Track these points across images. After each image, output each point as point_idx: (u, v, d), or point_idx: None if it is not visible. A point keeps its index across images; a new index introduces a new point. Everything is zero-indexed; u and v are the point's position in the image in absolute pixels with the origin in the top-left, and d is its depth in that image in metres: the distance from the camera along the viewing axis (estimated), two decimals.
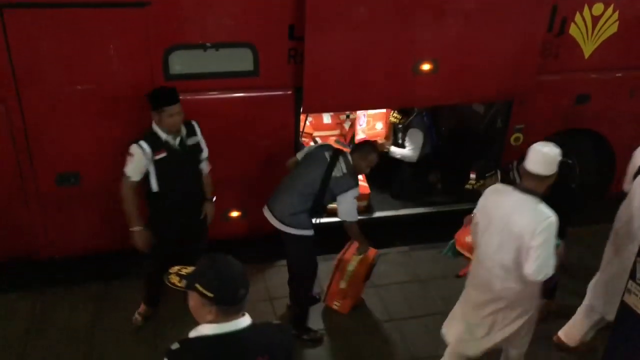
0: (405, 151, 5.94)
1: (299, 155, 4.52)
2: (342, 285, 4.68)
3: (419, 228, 5.80)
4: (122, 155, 4.49)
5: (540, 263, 3.26)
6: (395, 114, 6.08)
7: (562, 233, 4.60)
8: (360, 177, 5.72)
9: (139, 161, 3.94)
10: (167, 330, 4.39)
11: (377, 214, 5.73)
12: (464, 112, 6.09)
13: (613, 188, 6.17)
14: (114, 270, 5.00)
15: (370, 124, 6.27)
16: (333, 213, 4.47)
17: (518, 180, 4.44)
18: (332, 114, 6.70)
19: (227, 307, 2.11)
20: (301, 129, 5.20)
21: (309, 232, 4.26)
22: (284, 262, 4.58)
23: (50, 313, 4.54)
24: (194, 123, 4.18)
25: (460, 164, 6.09)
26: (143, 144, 3.93)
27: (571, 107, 5.54)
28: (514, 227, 3.32)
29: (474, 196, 4.66)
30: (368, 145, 4.46)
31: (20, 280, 4.83)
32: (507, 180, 4.50)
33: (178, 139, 4.04)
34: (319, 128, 6.58)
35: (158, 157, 3.97)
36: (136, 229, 4.06)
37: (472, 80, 4.96)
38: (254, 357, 2.14)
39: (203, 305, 2.10)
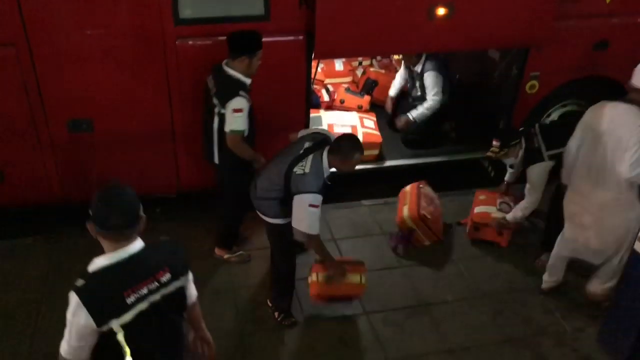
0: (429, 102, 5.62)
1: (299, 133, 4.12)
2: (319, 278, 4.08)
3: (431, 177, 5.79)
4: (135, 102, 4.52)
5: (635, 160, 3.58)
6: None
7: None
8: (371, 124, 5.74)
9: (246, 113, 3.96)
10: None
11: (388, 163, 5.70)
12: (478, 59, 5.96)
13: None
14: None
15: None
16: None
17: (542, 146, 4.40)
18: (344, 60, 6.61)
19: (108, 233, 2.31)
20: (312, 76, 5.13)
21: (278, 221, 3.86)
22: None
23: (67, 257, 4.63)
24: None
25: (474, 113, 6.04)
26: (245, 95, 3.92)
27: (589, 54, 5.41)
28: (617, 134, 3.70)
29: (487, 146, 4.68)
30: (350, 142, 3.73)
31: (36, 226, 4.92)
32: (531, 146, 4.45)
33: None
34: (330, 75, 6.50)
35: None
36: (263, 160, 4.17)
37: (488, 25, 4.82)
38: (156, 273, 2.35)
39: (96, 233, 2.34)
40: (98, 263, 2.33)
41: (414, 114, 5.68)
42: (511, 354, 4.00)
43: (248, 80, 4.04)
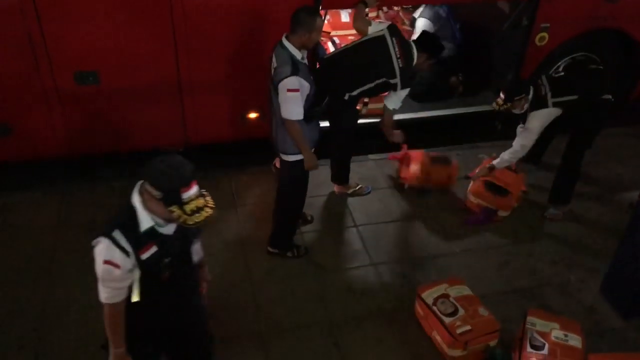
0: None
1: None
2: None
3: (437, 130, 5.79)
4: (141, 54, 4.47)
5: None
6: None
7: (589, 143, 4.61)
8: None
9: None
10: None
11: (396, 117, 5.66)
12: (488, 10, 5.86)
13: (637, 93, 6.06)
14: (137, 169, 5.09)
15: None
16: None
17: (548, 93, 4.37)
18: (350, 12, 6.49)
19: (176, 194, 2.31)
20: None
21: (295, 157, 3.94)
22: None
23: (76, 208, 4.68)
24: None
25: (482, 66, 5.98)
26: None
27: (600, 5, 5.31)
28: None
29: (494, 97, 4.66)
30: (303, 11, 3.73)
31: (44, 179, 4.95)
32: (539, 94, 4.42)
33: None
34: (337, 27, 6.40)
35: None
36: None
37: None
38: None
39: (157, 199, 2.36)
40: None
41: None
42: (516, 303, 4.06)
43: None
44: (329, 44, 6.23)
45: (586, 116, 4.45)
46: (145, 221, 2.39)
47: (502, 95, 4.47)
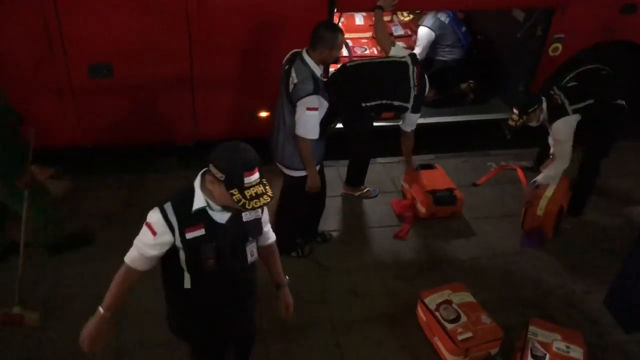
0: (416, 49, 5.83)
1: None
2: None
3: (446, 136, 5.79)
4: (155, 49, 4.50)
5: None
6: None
7: (605, 152, 4.59)
8: None
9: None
10: None
11: None
12: (502, 19, 5.87)
13: None
14: (146, 162, 5.14)
15: None
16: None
17: (565, 101, 4.35)
18: (364, 14, 6.52)
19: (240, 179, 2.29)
20: None
21: (301, 173, 3.91)
22: None
23: (84, 199, 4.72)
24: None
25: (493, 74, 5.98)
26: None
27: (616, 18, 5.30)
28: None
29: (505, 107, 4.65)
30: (327, 27, 3.70)
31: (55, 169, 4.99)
32: (556, 105, 4.37)
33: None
34: (350, 30, 6.42)
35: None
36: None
37: None
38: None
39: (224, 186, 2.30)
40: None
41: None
42: (518, 312, 4.05)
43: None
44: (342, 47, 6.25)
45: (601, 122, 4.41)
46: (199, 201, 2.39)
47: (515, 110, 4.46)
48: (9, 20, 4.23)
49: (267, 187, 2.33)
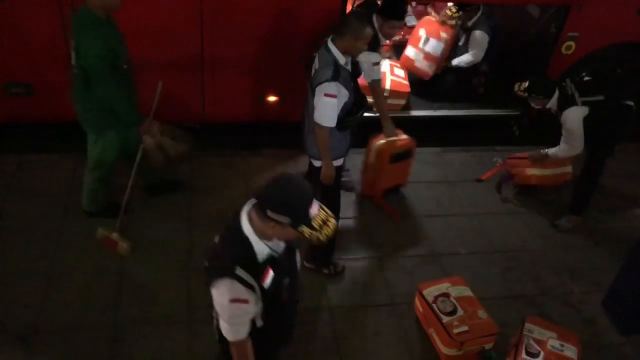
0: (465, 57, 5.66)
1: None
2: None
3: (454, 130, 5.77)
4: (167, 29, 4.49)
5: None
6: (452, 8, 5.76)
7: (610, 152, 4.58)
8: (402, 73, 5.67)
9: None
10: (201, 200, 4.61)
11: (414, 113, 5.68)
12: (517, 14, 5.82)
13: None
14: None
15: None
16: None
17: (576, 93, 4.34)
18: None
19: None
20: None
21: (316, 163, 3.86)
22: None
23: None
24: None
25: (505, 70, 5.94)
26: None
27: (632, 19, 5.25)
28: None
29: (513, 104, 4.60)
30: (355, 18, 3.64)
31: (62, 142, 5.00)
32: (566, 95, 4.37)
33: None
34: None
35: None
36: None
37: None
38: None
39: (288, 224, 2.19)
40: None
41: (455, 62, 5.75)
42: (516, 309, 4.07)
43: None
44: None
45: (608, 121, 4.39)
46: (261, 250, 2.28)
47: (525, 83, 4.45)
48: None
49: (323, 207, 2.23)
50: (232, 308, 2.27)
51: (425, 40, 5.67)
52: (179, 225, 4.40)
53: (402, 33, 6.02)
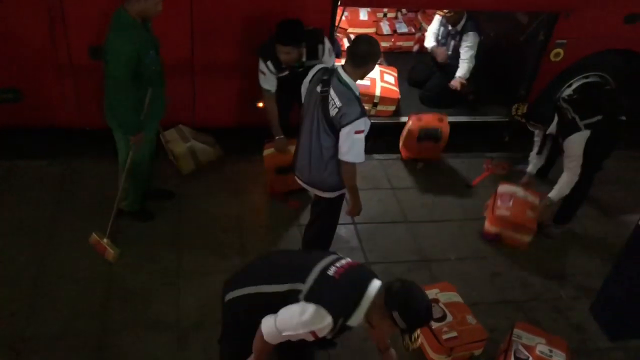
0: (465, 64, 5.60)
1: (303, 88, 3.72)
2: None
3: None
4: (157, 33, 4.46)
5: None
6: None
7: (600, 166, 4.61)
8: (391, 79, 5.69)
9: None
10: (191, 206, 4.61)
11: (403, 119, 5.70)
12: (506, 21, 5.86)
13: None
14: None
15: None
16: None
17: (576, 117, 4.32)
18: (369, 10, 6.51)
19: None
20: (336, 23, 5.06)
21: (334, 194, 3.79)
22: None
23: (78, 182, 4.73)
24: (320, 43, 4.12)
25: (495, 76, 5.98)
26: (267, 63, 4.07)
27: (619, 27, 5.30)
28: None
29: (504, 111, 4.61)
30: (366, 44, 3.43)
31: (51, 149, 4.99)
32: (566, 118, 4.36)
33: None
34: (354, 24, 6.42)
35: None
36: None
37: None
38: None
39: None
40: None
41: (461, 73, 5.65)
42: (504, 315, 4.08)
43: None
44: (345, 41, 6.25)
45: (603, 137, 4.40)
46: (356, 321, 2.56)
47: (524, 107, 4.47)
48: None
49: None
50: (313, 324, 2.52)
51: None
52: (168, 232, 4.40)
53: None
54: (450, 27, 5.66)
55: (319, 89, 3.48)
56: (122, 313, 3.78)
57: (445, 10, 5.59)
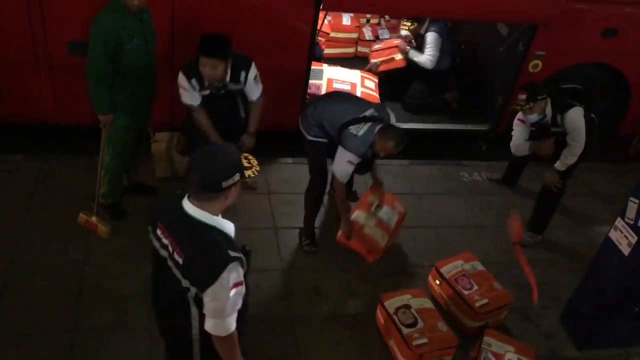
0: (423, 57, 5.78)
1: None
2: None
3: (423, 144, 5.83)
4: None
5: None
6: (406, 22, 6.02)
7: (570, 173, 4.67)
8: (372, 85, 5.73)
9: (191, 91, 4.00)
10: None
11: None
12: (487, 32, 5.93)
13: (624, 129, 6.13)
14: None
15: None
16: None
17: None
18: (352, 15, 6.54)
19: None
20: (318, 27, 5.08)
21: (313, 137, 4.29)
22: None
23: (54, 178, 4.69)
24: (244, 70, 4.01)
25: (475, 85, 6.05)
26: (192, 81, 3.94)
27: (597, 40, 5.40)
28: None
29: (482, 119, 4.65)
30: (395, 131, 4.09)
31: (28, 144, 4.94)
32: (560, 102, 4.46)
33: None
34: (337, 29, 6.45)
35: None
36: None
37: None
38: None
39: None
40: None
41: (412, 51, 5.92)
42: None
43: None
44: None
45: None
46: (228, 226, 2.38)
47: (521, 95, 4.47)
48: None
49: None
50: (233, 295, 2.25)
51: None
52: (143, 231, 4.35)
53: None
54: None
55: (363, 114, 4.18)
56: (94, 312, 3.75)
57: (408, 23, 5.81)
